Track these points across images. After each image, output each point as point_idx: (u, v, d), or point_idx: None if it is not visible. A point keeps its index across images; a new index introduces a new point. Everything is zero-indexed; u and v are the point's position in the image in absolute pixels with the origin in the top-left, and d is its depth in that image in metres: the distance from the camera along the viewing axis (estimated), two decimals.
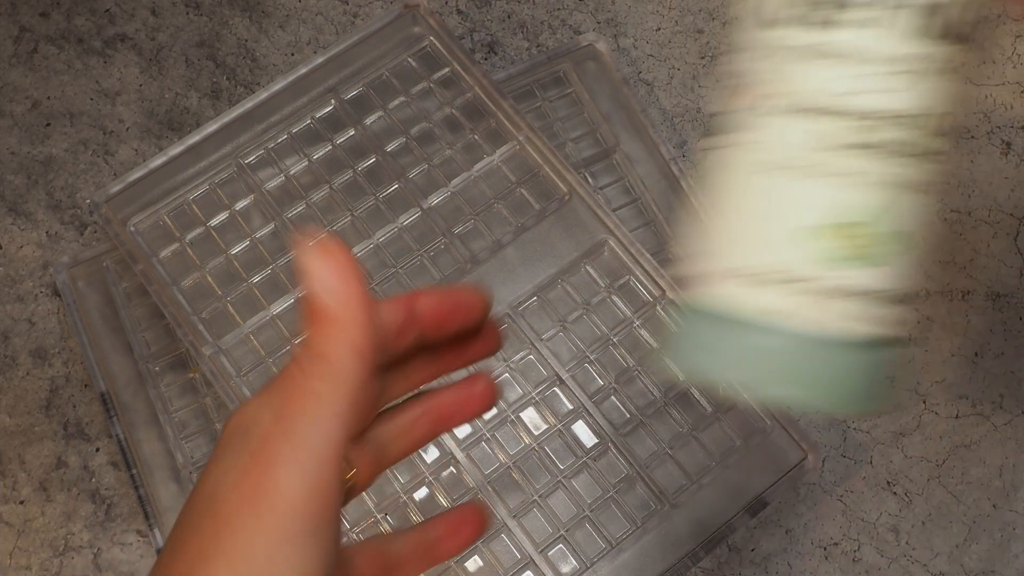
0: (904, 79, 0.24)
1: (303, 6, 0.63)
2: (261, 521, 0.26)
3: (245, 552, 0.26)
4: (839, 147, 0.24)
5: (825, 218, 0.24)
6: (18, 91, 0.61)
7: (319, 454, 0.26)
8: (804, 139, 0.24)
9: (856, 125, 0.24)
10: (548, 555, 0.49)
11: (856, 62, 0.24)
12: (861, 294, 0.25)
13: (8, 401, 0.55)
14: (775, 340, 0.24)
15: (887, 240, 0.24)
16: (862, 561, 0.53)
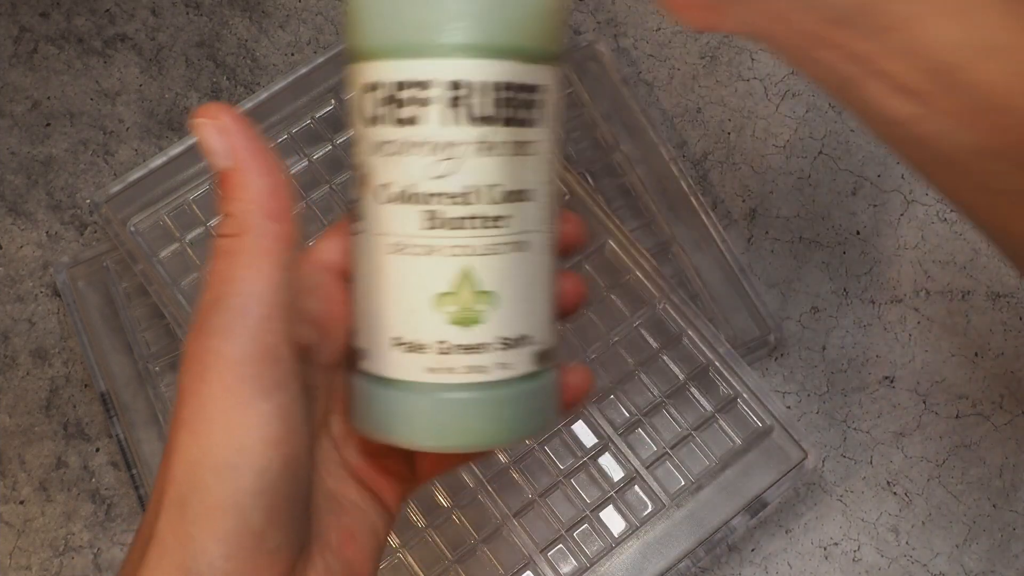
0: (473, 159, 0.28)
1: (303, 6, 0.63)
2: (209, 387, 0.26)
3: (202, 417, 0.26)
4: (438, 225, 0.28)
5: (440, 288, 0.28)
6: (18, 91, 0.61)
7: (249, 315, 0.26)
8: (412, 221, 0.28)
9: (448, 205, 0.28)
10: (548, 555, 0.49)
11: (434, 150, 0.28)
12: (484, 346, 0.29)
13: (8, 401, 0.55)
14: (436, 396, 0.29)
15: (487, 299, 0.28)
16: (862, 561, 0.53)
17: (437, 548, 0.49)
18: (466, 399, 0.29)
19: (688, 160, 0.60)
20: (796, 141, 0.60)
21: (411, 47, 0.27)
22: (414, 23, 0.27)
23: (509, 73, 0.28)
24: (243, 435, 0.26)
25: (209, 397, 0.26)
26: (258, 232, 0.27)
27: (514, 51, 0.28)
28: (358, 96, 0.29)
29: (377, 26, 0.28)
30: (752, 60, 0.62)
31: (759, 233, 0.58)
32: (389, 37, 0.28)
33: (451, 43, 0.27)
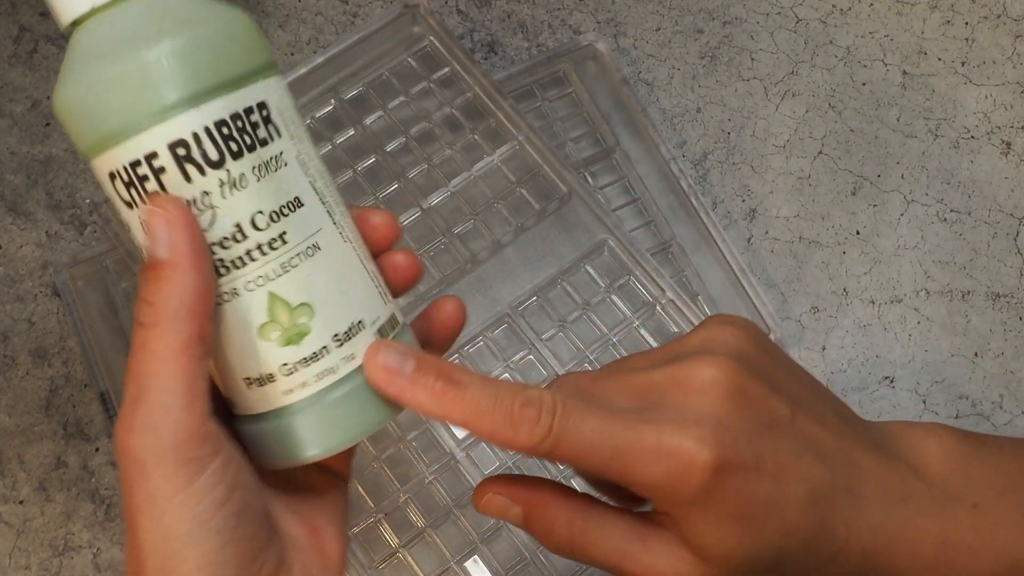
0: (227, 200, 0.29)
1: (303, 6, 0.63)
2: (152, 478, 0.28)
3: (154, 503, 0.28)
4: (228, 269, 0.29)
5: (259, 320, 0.30)
6: (18, 91, 0.61)
7: (172, 410, 0.28)
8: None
9: (226, 249, 0.29)
10: (548, 555, 0.49)
11: (190, 207, 0.29)
12: (321, 351, 0.30)
13: (8, 401, 0.55)
14: (304, 413, 0.31)
15: (304, 311, 0.30)
16: None
17: (437, 548, 0.49)
18: (331, 404, 0.31)
19: (688, 160, 0.60)
20: (796, 141, 0.60)
21: (121, 130, 0.28)
22: (112, 108, 0.28)
23: (222, 109, 0.29)
24: (195, 506, 0.28)
25: (155, 485, 0.28)
26: (176, 328, 0.28)
27: (217, 88, 0.29)
28: (108, 188, 0.30)
29: (86, 123, 0.29)
30: (752, 60, 0.62)
31: (759, 233, 0.58)
32: (100, 128, 0.29)
33: (153, 109, 0.28)
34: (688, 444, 0.30)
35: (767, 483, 0.31)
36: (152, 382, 0.28)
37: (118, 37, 0.28)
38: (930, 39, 0.62)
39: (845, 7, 0.63)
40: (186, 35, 0.28)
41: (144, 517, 0.29)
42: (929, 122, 0.60)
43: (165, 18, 0.29)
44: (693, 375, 0.31)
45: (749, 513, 0.30)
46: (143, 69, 0.28)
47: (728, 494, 0.30)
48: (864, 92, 0.61)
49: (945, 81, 0.61)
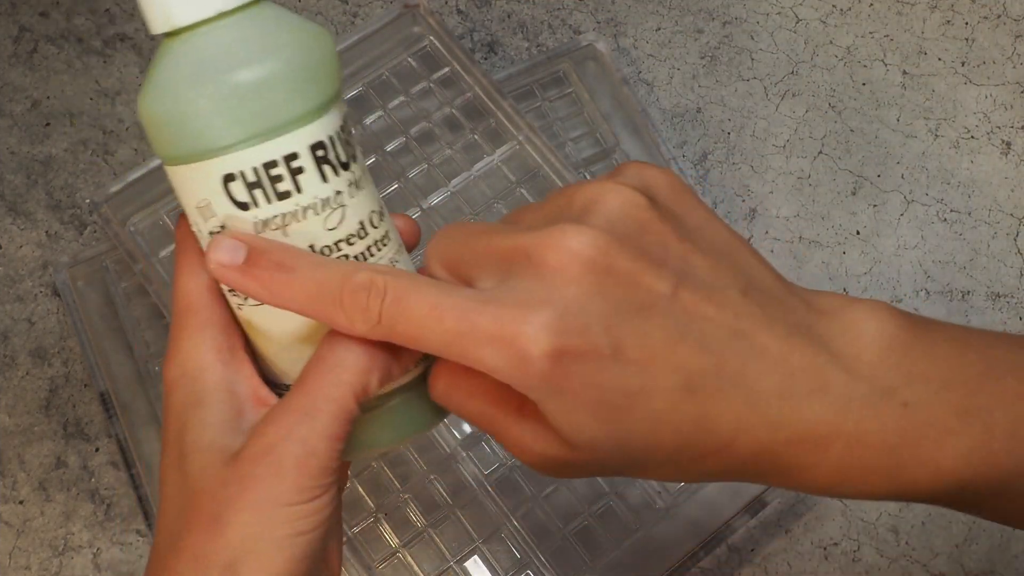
0: (355, 198, 0.31)
1: (303, 6, 0.63)
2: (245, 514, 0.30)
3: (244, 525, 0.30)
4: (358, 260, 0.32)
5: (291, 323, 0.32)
6: (18, 91, 0.61)
7: (319, 435, 0.30)
8: None
9: (351, 246, 0.31)
10: (548, 555, 0.49)
11: (324, 205, 0.31)
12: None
13: (8, 401, 0.55)
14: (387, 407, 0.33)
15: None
16: (862, 561, 0.53)
17: (437, 548, 0.49)
18: (395, 404, 0.33)
19: (688, 160, 0.60)
20: (796, 141, 0.60)
21: (263, 131, 0.30)
22: (254, 111, 0.29)
23: (339, 116, 0.31)
24: (299, 521, 0.30)
25: (273, 488, 0.30)
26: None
27: (335, 95, 0.31)
28: (212, 190, 0.30)
29: (215, 126, 0.29)
30: (752, 60, 0.62)
31: (759, 233, 0.58)
32: (236, 130, 0.29)
33: (298, 113, 0.30)
34: (526, 331, 0.27)
35: (630, 370, 0.28)
36: (318, 400, 0.30)
37: (256, 43, 0.30)
38: (930, 39, 0.62)
39: (845, 7, 0.63)
40: (318, 47, 0.31)
41: (246, 512, 0.29)
42: (929, 122, 0.60)
43: (292, 29, 0.31)
44: (552, 249, 0.28)
45: (606, 401, 0.28)
46: (291, 74, 0.30)
47: (576, 383, 0.28)
48: (864, 92, 0.61)
49: (945, 81, 0.61)
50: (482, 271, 0.30)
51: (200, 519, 0.30)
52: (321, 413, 0.30)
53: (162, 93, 0.30)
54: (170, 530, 0.31)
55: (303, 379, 0.31)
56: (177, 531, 0.31)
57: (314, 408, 0.30)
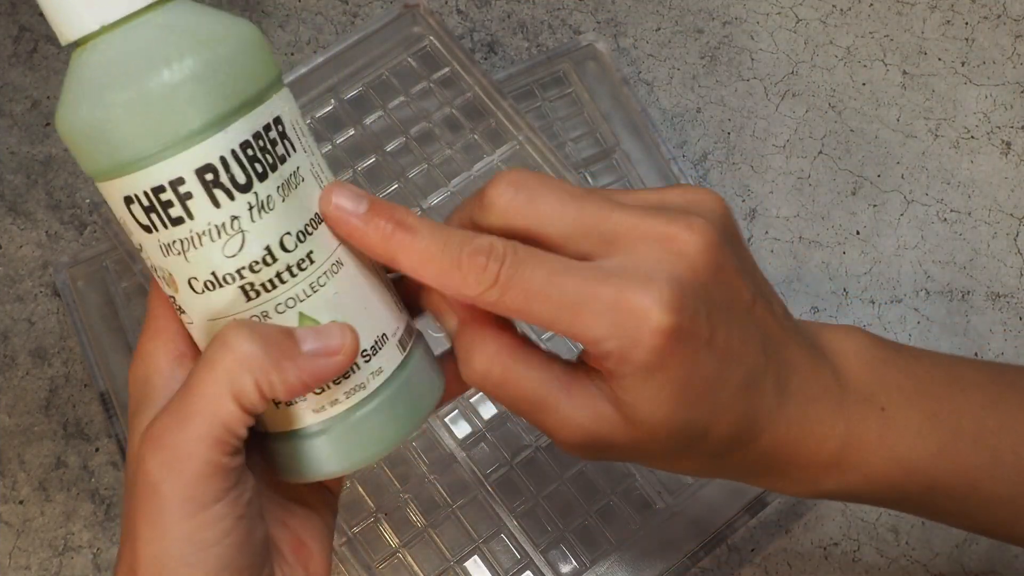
0: (256, 223, 0.29)
1: (303, 6, 0.63)
2: (166, 498, 0.28)
3: (162, 521, 0.28)
4: (258, 292, 0.29)
5: None
6: (18, 91, 0.61)
7: (195, 443, 0.28)
8: (235, 300, 0.29)
9: (256, 273, 0.29)
10: (548, 555, 0.49)
11: (219, 232, 0.28)
12: (351, 369, 0.30)
13: (8, 401, 0.55)
14: (335, 430, 0.31)
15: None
16: (862, 561, 0.53)
17: (437, 548, 0.49)
18: (360, 419, 0.31)
19: (688, 160, 0.60)
20: (796, 141, 0.60)
21: (143, 155, 0.27)
22: (133, 133, 0.27)
23: (245, 129, 0.28)
24: (201, 532, 0.28)
25: (166, 503, 0.28)
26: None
27: (239, 108, 0.28)
28: (122, 211, 0.29)
29: (102, 148, 0.28)
30: (752, 60, 0.62)
31: (759, 233, 0.58)
32: (118, 154, 0.27)
33: (179, 134, 0.27)
34: (650, 304, 0.28)
35: (713, 360, 0.30)
36: (194, 403, 0.28)
37: (134, 58, 0.27)
38: (930, 39, 0.62)
39: (845, 7, 0.63)
40: (207, 55, 0.27)
41: (147, 527, 0.28)
42: (929, 122, 0.60)
43: (182, 38, 0.27)
44: (680, 235, 0.30)
45: (690, 385, 0.30)
46: (166, 93, 0.27)
47: (675, 362, 0.29)
48: (864, 92, 0.61)
49: (945, 81, 0.61)
50: (585, 245, 0.30)
51: (124, 527, 0.30)
52: (196, 416, 0.28)
53: (63, 109, 0.28)
54: (124, 529, 0.31)
55: (185, 382, 0.29)
56: (124, 532, 0.30)
57: (189, 410, 0.28)
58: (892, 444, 0.33)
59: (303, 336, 0.29)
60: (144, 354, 0.32)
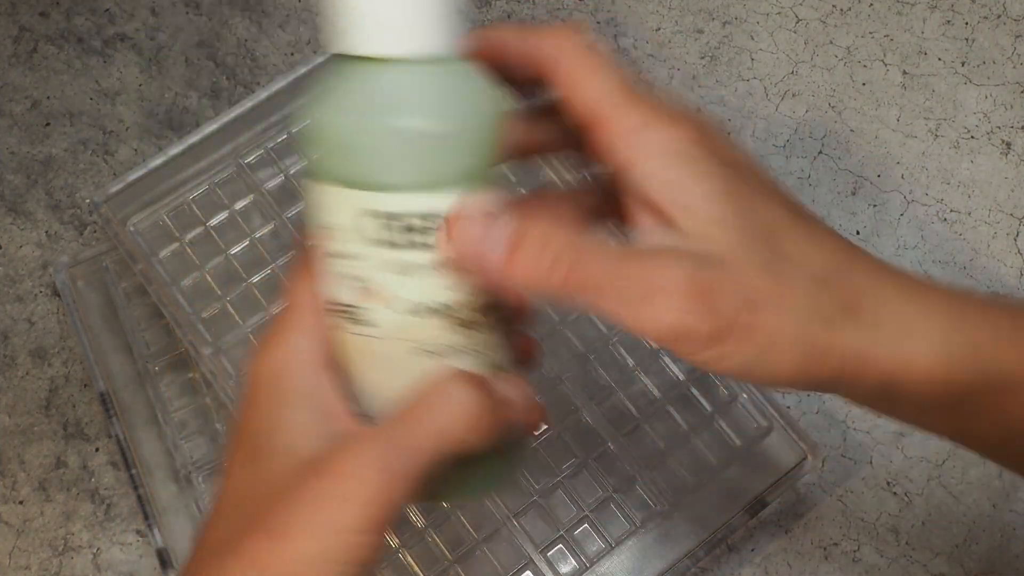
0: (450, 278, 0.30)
1: (303, 6, 0.63)
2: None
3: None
4: (460, 327, 0.31)
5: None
6: (18, 91, 0.61)
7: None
8: (439, 329, 0.31)
9: (445, 315, 0.30)
10: (548, 555, 0.49)
11: (428, 272, 0.30)
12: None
13: (8, 401, 0.55)
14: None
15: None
16: (862, 561, 0.53)
17: (437, 548, 0.49)
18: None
19: None
20: (796, 141, 0.60)
21: (411, 184, 0.29)
22: (411, 161, 0.29)
23: (493, 186, 0.31)
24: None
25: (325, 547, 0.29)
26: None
27: (486, 169, 0.30)
28: (351, 218, 0.30)
29: (370, 161, 0.29)
30: (752, 60, 0.62)
31: None
32: (387, 174, 0.29)
33: (447, 177, 0.29)
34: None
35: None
36: (415, 439, 0.30)
37: (430, 95, 0.29)
38: (930, 39, 0.62)
39: (845, 7, 0.63)
40: (487, 119, 0.30)
41: (308, 530, 0.29)
42: (929, 122, 0.60)
43: (474, 95, 0.30)
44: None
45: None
46: (452, 136, 0.29)
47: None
48: (864, 92, 0.61)
49: (945, 81, 0.61)
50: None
51: (267, 524, 0.29)
52: (412, 452, 0.29)
53: (345, 115, 0.29)
54: (232, 527, 0.30)
55: (406, 415, 0.30)
56: (240, 529, 0.30)
57: (406, 446, 0.30)
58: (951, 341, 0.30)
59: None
60: (285, 345, 0.32)
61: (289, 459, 0.30)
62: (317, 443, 0.30)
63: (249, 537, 0.29)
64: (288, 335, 0.32)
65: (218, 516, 0.31)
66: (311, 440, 0.30)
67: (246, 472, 0.31)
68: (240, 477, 0.31)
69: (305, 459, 0.30)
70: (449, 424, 0.30)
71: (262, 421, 0.31)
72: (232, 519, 0.31)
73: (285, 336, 0.32)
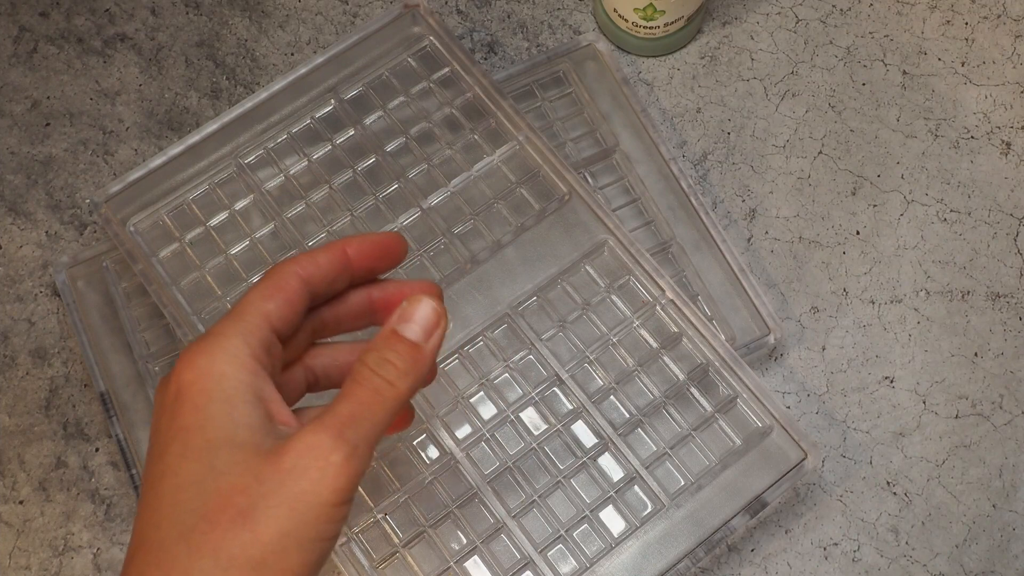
0: None
1: (303, 6, 0.63)
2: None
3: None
4: None
5: None
6: (18, 91, 0.61)
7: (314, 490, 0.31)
8: None
9: None
10: (548, 555, 0.49)
11: None
12: None
13: (8, 401, 0.55)
14: None
15: None
16: (862, 561, 0.53)
17: (437, 548, 0.49)
18: None
19: (688, 160, 0.60)
20: (796, 141, 0.60)
21: None
22: None
23: None
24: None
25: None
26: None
27: None
28: None
29: None
30: (752, 60, 0.62)
31: (759, 233, 0.58)
32: None
33: None
34: None
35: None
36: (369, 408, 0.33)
37: None
38: (930, 39, 0.62)
39: (845, 7, 0.63)
40: None
41: (283, 507, 0.30)
42: (929, 122, 0.60)
43: None
44: None
45: None
46: None
47: None
48: (864, 92, 0.61)
49: (945, 81, 0.61)
50: None
51: (226, 514, 0.29)
52: (366, 420, 0.32)
53: None
54: (180, 521, 0.30)
55: (349, 392, 0.33)
56: (191, 524, 0.30)
57: (360, 415, 0.32)
58: None
59: None
60: (223, 347, 0.34)
61: (237, 451, 0.30)
62: (265, 438, 0.31)
63: (212, 527, 0.29)
64: (228, 339, 0.33)
65: (160, 513, 0.31)
66: (257, 434, 0.31)
67: (188, 467, 0.31)
68: (181, 473, 0.31)
69: (258, 449, 0.31)
70: (382, 400, 0.33)
71: (200, 416, 0.31)
72: (181, 514, 0.30)
73: (224, 339, 0.33)
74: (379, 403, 0.33)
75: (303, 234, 0.54)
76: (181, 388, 0.32)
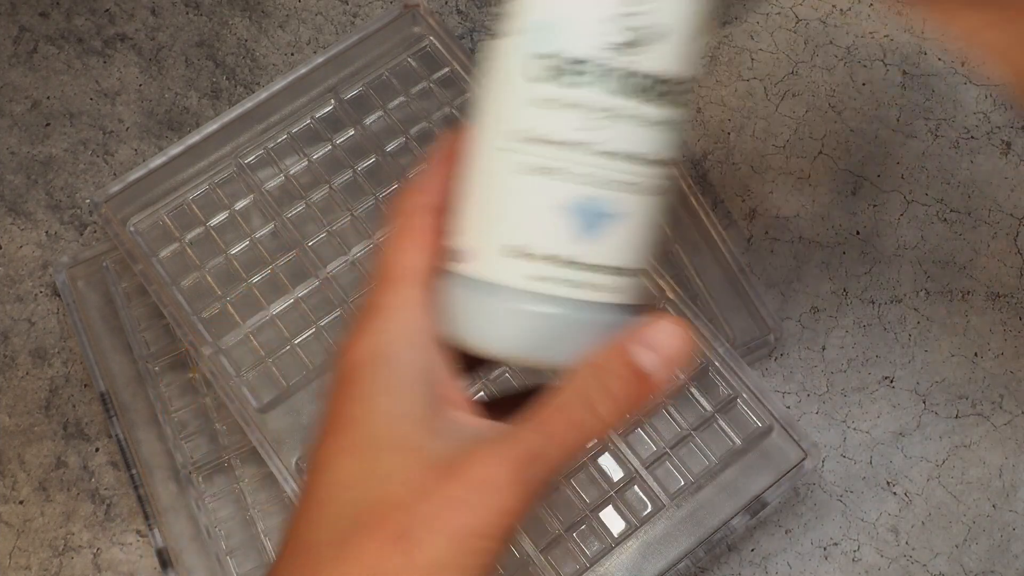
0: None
1: (303, 6, 0.63)
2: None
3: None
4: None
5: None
6: (18, 91, 0.61)
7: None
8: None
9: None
10: (548, 555, 0.49)
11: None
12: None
13: (8, 401, 0.55)
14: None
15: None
16: (862, 561, 0.53)
17: None
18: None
19: (688, 160, 0.60)
20: (796, 141, 0.60)
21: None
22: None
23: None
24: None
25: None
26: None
27: None
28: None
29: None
30: (752, 60, 0.62)
31: (759, 233, 0.58)
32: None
33: None
34: None
35: None
36: (557, 440, 0.28)
37: None
38: (930, 39, 0.62)
39: (845, 7, 0.63)
40: None
41: (443, 536, 0.27)
42: (929, 122, 0.60)
43: None
44: None
45: None
46: None
47: None
48: (864, 92, 0.61)
49: (945, 81, 0.61)
50: None
51: (385, 529, 0.27)
52: (547, 462, 0.28)
53: None
54: (338, 526, 0.28)
55: (543, 422, 0.28)
56: (348, 533, 0.27)
57: (543, 455, 0.28)
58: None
59: None
60: (390, 322, 0.29)
61: (406, 456, 0.28)
62: (431, 437, 0.28)
63: (366, 540, 0.27)
64: (393, 312, 0.29)
65: (317, 512, 0.28)
66: (427, 433, 0.28)
67: (349, 465, 0.28)
68: (341, 470, 0.28)
69: (426, 457, 0.28)
70: (579, 437, 0.28)
71: (365, 408, 0.28)
72: (336, 517, 0.28)
73: (389, 313, 0.29)
74: (574, 440, 0.28)
75: (303, 234, 0.54)
76: (351, 363, 0.29)
